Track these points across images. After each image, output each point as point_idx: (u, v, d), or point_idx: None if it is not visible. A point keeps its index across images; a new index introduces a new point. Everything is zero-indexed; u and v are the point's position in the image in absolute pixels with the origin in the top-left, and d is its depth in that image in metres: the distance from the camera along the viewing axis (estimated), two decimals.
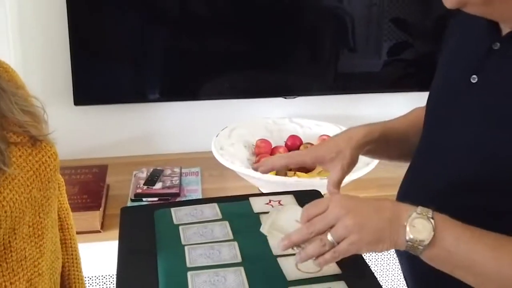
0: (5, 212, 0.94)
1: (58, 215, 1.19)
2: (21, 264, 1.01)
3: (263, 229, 0.99)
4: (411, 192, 1.11)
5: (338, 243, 0.87)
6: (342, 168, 1.16)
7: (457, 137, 1.01)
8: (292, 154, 1.26)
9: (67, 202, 1.26)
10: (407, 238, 0.85)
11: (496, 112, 0.95)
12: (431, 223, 0.85)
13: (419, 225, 0.85)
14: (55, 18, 1.95)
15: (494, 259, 0.85)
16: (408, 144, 1.21)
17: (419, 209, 0.87)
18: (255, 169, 1.22)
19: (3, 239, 0.97)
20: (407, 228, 0.85)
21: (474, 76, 0.99)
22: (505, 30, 0.95)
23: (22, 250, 1.01)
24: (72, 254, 1.24)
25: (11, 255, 0.99)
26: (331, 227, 0.88)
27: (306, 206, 0.94)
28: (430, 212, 0.86)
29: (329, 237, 0.87)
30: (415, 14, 2.16)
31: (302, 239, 0.90)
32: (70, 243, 1.24)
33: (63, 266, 1.19)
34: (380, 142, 1.22)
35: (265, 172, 1.20)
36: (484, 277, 0.87)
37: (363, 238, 0.87)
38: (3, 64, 1.10)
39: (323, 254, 0.88)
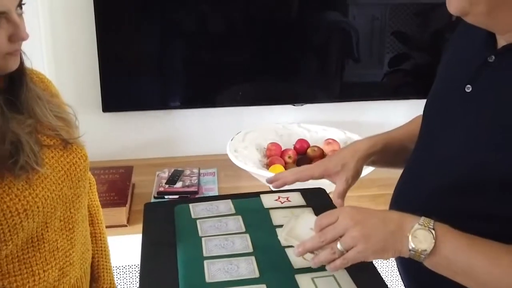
0: (37, 207, 0.96)
1: (89, 210, 1.21)
2: (53, 254, 1.03)
3: (280, 237, 0.99)
4: (405, 193, 1.10)
5: (347, 251, 0.88)
6: (346, 180, 1.16)
7: (450, 142, 1.00)
8: (301, 169, 1.24)
9: (98, 200, 1.27)
10: (410, 247, 0.85)
11: (487, 121, 0.94)
12: (432, 233, 0.85)
13: (421, 236, 0.85)
14: (85, 33, 1.96)
15: (490, 267, 0.85)
16: (409, 152, 1.20)
17: (422, 220, 0.87)
18: (269, 183, 1.21)
19: (37, 231, 0.99)
20: (410, 239, 0.85)
21: (469, 86, 0.97)
22: (500, 43, 0.94)
23: (54, 241, 1.03)
24: (101, 247, 1.25)
25: (44, 246, 1.01)
26: (341, 236, 0.88)
27: (319, 216, 0.95)
28: (431, 223, 0.86)
29: (339, 246, 0.88)
30: (414, 28, 2.15)
31: (315, 247, 0.91)
32: (100, 236, 1.25)
33: (93, 257, 1.21)
34: (383, 152, 1.22)
35: (278, 187, 1.19)
36: (483, 283, 0.86)
37: (369, 248, 0.87)
38: (39, 74, 1.12)
39: (333, 260, 0.89)
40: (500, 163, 0.88)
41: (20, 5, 0.93)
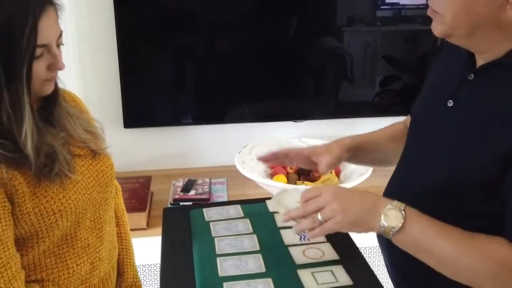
0: (70, 208, 0.98)
1: (115, 213, 1.23)
2: (85, 250, 1.05)
3: (270, 204, 1.03)
4: (394, 194, 1.07)
5: (326, 221, 0.91)
6: (331, 157, 1.18)
7: (434, 149, 1.00)
8: (293, 148, 1.29)
9: (123, 204, 1.29)
10: (381, 224, 0.88)
11: (466, 132, 0.94)
12: (402, 214, 0.88)
13: (391, 215, 0.88)
14: (108, 58, 1.97)
15: (450, 248, 0.87)
16: (382, 152, 1.23)
17: (395, 202, 0.90)
18: (258, 159, 1.25)
19: (70, 230, 1.01)
20: (382, 217, 0.89)
21: (451, 100, 0.98)
22: (479, 63, 0.95)
23: (85, 239, 1.05)
24: (126, 245, 1.26)
25: (77, 243, 1.03)
26: (322, 208, 0.91)
27: (305, 190, 0.98)
28: (403, 206, 0.89)
29: (319, 216, 0.91)
30: (402, 53, 2.15)
31: (299, 215, 0.95)
32: (125, 236, 1.27)
33: (119, 254, 1.22)
34: (359, 149, 1.24)
35: (267, 160, 1.23)
36: (441, 261, 0.89)
37: (345, 220, 0.91)
38: (70, 94, 1.15)
39: (314, 229, 0.92)
40: (475, 168, 0.89)
41: (60, 37, 0.96)
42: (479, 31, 0.89)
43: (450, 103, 0.98)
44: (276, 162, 1.26)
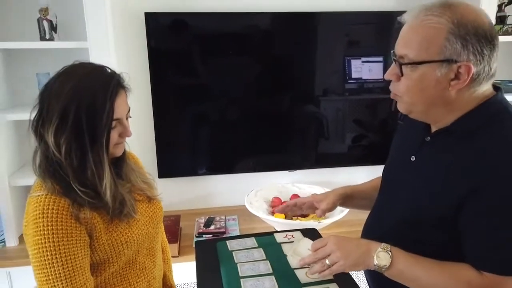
0: (134, 240, 1.00)
1: (161, 244, 1.23)
2: (143, 272, 1.05)
3: (287, 253, 1.02)
4: (372, 227, 1.11)
5: (332, 265, 0.92)
6: (327, 204, 1.19)
7: (401, 193, 1.00)
8: (300, 198, 1.30)
9: (166, 237, 1.31)
10: (375, 264, 0.89)
11: (426, 180, 0.94)
12: (389, 254, 0.89)
13: (382, 256, 0.89)
14: (146, 126, 1.98)
15: (428, 276, 0.88)
16: (367, 200, 1.21)
17: (383, 245, 0.90)
18: (277, 211, 1.24)
19: (132, 256, 1.02)
20: (374, 258, 0.89)
21: (413, 156, 0.99)
22: (433, 129, 0.96)
23: (143, 263, 1.05)
24: (169, 267, 1.27)
25: (136, 266, 1.04)
26: (328, 255, 0.93)
27: (314, 242, 0.98)
28: (389, 247, 0.90)
29: (327, 261, 0.92)
30: (367, 117, 2.17)
31: (311, 261, 0.96)
32: (168, 261, 1.27)
33: (164, 275, 1.22)
34: (351, 197, 1.25)
35: (279, 210, 1.24)
36: (423, 286, 0.89)
37: (347, 263, 0.91)
38: (131, 153, 1.17)
39: (323, 270, 0.94)
40: (433, 208, 0.90)
41: (128, 112, 1.00)
42: (432, 107, 0.90)
43: (413, 158, 0.99)
44: (289, 211, 1.24)
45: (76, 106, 0.88)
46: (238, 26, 1.96)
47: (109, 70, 0.97)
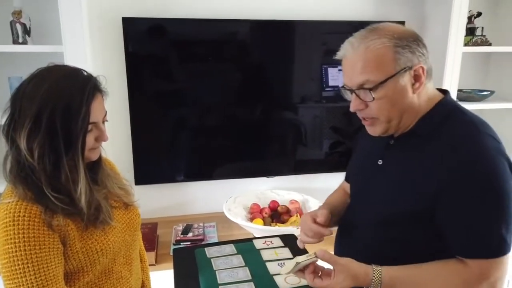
0: (109, 248, 0.97)
1: (140, 251, 1.21)
2: (119, 281, 1.02)
3: (282, 272, 0.96)
4: (347, 229, 1.11)
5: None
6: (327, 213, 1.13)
7: (372, 196, 1.03)
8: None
9: (143, 245, 1.28)
10: (372, 283, 0.90)
11: (394, 182, 0.98)
12: (380, 275, 0.90)
13: (376, 278, 0.90)
14: (123, 133, 1.96)
15: (415, 283, 0.91)
16: (338, 217, 1.17)
17: (374, 267, 0.91)
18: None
19: (108, 265, 0.99)
20: (372, 280, 0.90)
21: (380, 160, 1.03)
22: (396, 134, 1.01)
23: (119, 272, 1.02)
24: (146, 276, 1.24)
25: (113, 275, 1.01)
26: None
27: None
28: (379, 268, 0.91)
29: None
30: (344, 124, 2.18)
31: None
32: (146, 269, 1.25)
33: (142, 284, 1.19)
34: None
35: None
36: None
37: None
38: (107, 159, 1.15)
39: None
40: (407, 206, 0.93)
41: (105, 116, 0.98)
42: (403, 116, 0.96)
43: (380, 162, 1.03)
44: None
45: (50, 109, 0.85)
46: (216, 33, 1.96)
47: (85, 73, 0.94)
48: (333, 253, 1.13)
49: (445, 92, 1.02)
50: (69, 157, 0.89)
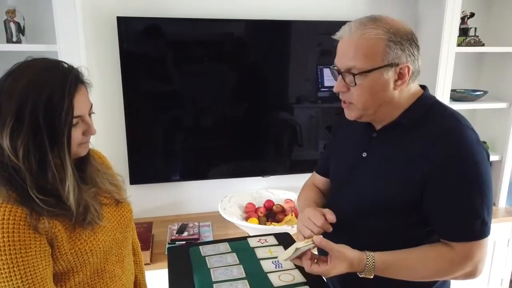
0: (99, 248, 0.95)
1: (133, 246, 1.19)
2: (112, 280, 1.01)
3: (281, 258, 1.00)
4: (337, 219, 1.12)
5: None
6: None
7: (357, 188, 1.05)
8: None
9: (137, 238, 1.26)
10: (366, 268, 0.94)
11: (378, 173, 1.01)
12: (374, 260, 0.94)
13: (369, 263, 0.94)
14: (119, 131, 1.95)
15: (406, 266, 0.95)
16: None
17: (367, 252, 0.95)
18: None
19: (100, 265, 0.97)
20: (365, 271, 0.94)
21: (364, 153, 1.05)
22: (379, 126, 1.04)
23: (112, 271, 1.00)
24: (141, 270, 1.23)
25: (105, 274, 0.99)
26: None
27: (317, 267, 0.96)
28: (372, 254, 0.95)
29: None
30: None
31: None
32: (140, 263, 1.23)
33: (136, 277, 1.18)
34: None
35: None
36: (403, 272, 0.96)
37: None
38: (98, 152, 1.12)
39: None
40: (394, 195, 0.97)
41: (91, 108, 0.94)
42: (381, 108, 0.99)
43: (364, 154, 1.06)
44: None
45: (31, 104, 0.82)
46: (211, 33, 1.95)
47: (66, 65, 0.90)
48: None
49: (423, 87, 1.05)
50: (55, 153, 0.86)
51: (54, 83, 0.84)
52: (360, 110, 0.99)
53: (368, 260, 0.94)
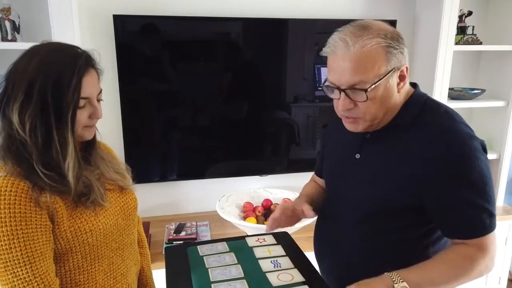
0: (99, 229, 0.95)
1: (138, 237, 1.20)
2: (110, 267, 1.01)
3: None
4: (326, 229, 1.12)
5: None
6: (306, 203, 1.13)
7: (353, 191, 1.04)
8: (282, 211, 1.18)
9: (143, 230, 1.26)
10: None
11: (371, 175, 1.01)
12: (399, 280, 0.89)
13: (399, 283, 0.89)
14: (115, 131, 1.94)
15: (430, 279, 0.91)
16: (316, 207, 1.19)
17: (394, 275, 0.90)
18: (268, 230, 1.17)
19: (99, 248, 0.97)
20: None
21: (358, 154, 1.05)
22: (371, 129, 1.02)
23: (110, 258, 1.01)
24: (147, 262, 1.23)
25: (103, 261, 0.99)
26: None
27: None
28: (400, 279, 0.90)
29: None
30: None
31: None
32: (147, 256, 1.23)
33: (141, 268, 1.18)
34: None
35: (271, 228, 1.16)
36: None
37: None
38: (104, 144, 1.14)
39: None
40: (394, 197, 0.96)
41: (100, 93, 0.96)
42: (386, 113, 0.98)
43: (358, 156, 1.05)
44: (278, 224, 1.17)
45: (41, 80, 0.86)
46: (208, 31, 1.95)
47: (79, 50, 0.95)
48: (313, 251, 1.17)
49: (414, 85, 1.05)
50: (60, 131, 0.89)
51: (65, 62, 0.89)
52: (369, 121, 0.97)
53: (393, 279, 0.89)
